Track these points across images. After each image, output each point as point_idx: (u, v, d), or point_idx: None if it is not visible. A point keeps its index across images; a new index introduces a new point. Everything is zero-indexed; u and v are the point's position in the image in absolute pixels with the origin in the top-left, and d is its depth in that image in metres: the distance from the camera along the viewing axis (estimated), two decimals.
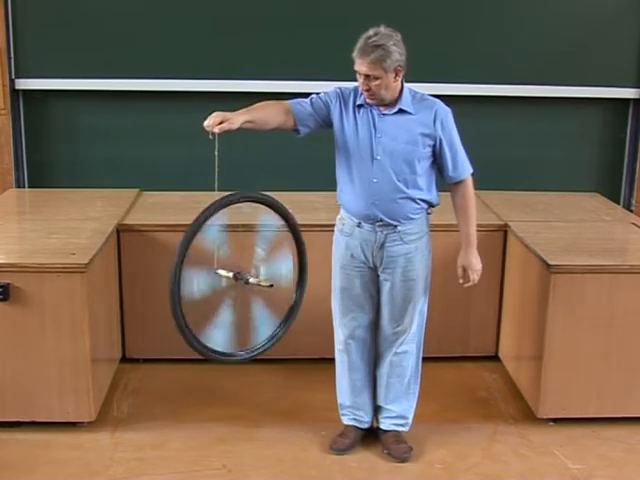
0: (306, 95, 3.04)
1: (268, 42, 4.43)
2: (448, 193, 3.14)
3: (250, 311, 2.87)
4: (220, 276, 2.75)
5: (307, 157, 4.29)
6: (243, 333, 2.88)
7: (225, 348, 2.83)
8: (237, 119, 2.74)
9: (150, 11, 4.39)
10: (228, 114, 2.72)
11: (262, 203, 2.87)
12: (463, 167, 3.06)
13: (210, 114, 2.71)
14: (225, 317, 2.79)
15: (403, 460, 3.20)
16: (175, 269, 2.63)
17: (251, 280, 2.76)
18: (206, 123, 2.69)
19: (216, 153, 2.67)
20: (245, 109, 2.84)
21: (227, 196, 2.72)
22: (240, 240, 2.96)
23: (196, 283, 2.73)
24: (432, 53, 4.33)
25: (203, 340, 2.75)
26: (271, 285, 2.77)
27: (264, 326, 2.91)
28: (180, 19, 4.41)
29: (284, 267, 2.88)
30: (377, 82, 2.87)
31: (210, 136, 2.68)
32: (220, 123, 2.68)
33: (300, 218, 3.96)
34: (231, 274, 2.76)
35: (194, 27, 4.42)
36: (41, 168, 4.62)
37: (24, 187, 4.61)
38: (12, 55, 4.40)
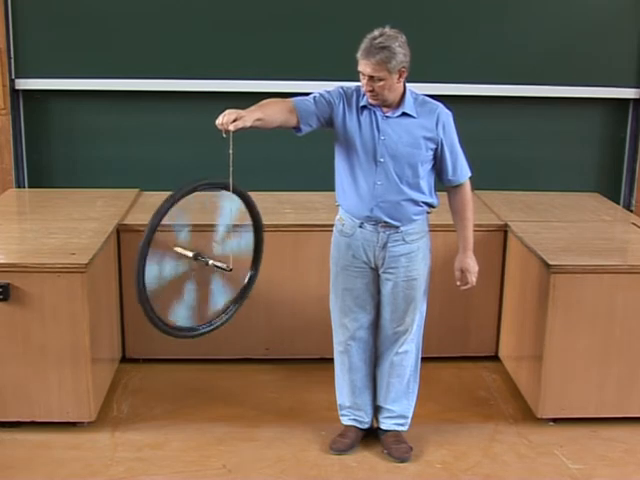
0: (307, 95, 3.03)
1: (268, 42, 4.43)
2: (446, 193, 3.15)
3: (209, 286, 2.91)
4: (179, 254, 2.80)
5: (307, 157, 4.29)
6: (203, 309, 2.94)
7: (188, 323, 2.89)
8: (250, 117, 2.71)
9: (150, 11, 4.39)
10: (241, 111, 2.69)
11: (218, 187, 2.85)
12: (462, 170, 3.06)
13: (222, 112, 2.67)
14: (188, 295, 2.84)
15: (403, 460, 3.20)
16: (140, 257, 2.70)
17: (211, 262, 2.81)
18: (219, 121, 2.66)
19: (230, 152, 2.65)
20: (254, 106, 2.81)
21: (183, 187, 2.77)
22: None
23: (158, 265, 2.79)
24: (432, 53, 4.33)
25: (168, 319, 2.83)
26: (230, 269, 2.80)
27: (220, 298, 2.95)
28: (180, 19, 4.41)
29: (242, 243, 2.92)
30: (381, 83, 2.86)
31: (224, 134, 2.65)
32: (234, 121, 2.65)
33: (300, 218, 3.99)
34: (191, 254, 2.82)
35: (194, 27, 4.42)
36: (41, 168, 4.62)
37: (24, 187, 4.61)
38: (12, 55, 4.39)
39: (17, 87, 4.46)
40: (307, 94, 3.01)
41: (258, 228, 2.98)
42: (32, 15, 4.36)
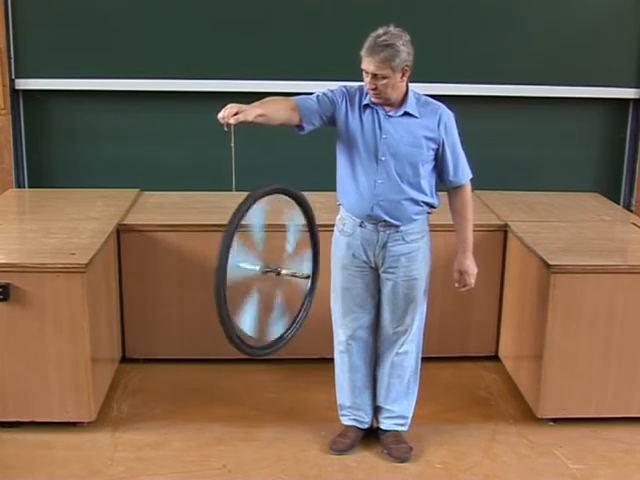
0: (308, 94, 3.03)
1: (268, 42, 4.43)
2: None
3: (271, 307, 2.86)
4: (242, 269, 2.73)
5: (307, 157, 4.29)
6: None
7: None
8: (251, 111, 2.71)
9: (150, 11, 4.39)
10: (243, 106, 2.70)
11: (289, 195, 2.84)
12: (464, 172, 3.07)
13: (224, 107, 2.67)
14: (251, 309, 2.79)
15: (403, 460, 3.20)
16: (220, 270, 2.58)
17: (284, 272, 2.75)
18: (220, 115, 2.65)
19: (232, 145, 2.65)
20: (257, 103, 2.81)
21: (259, 190, 2.69)
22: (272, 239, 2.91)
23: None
24: (432, 53, 4.33)
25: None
26: (308, 276, 2.75)
27: (279, 323, 2.91)
28: (180, 19, 4.41)
29: (305, 264, 2.89)
30: (384, 81, 2.87)
31: (225, 128, 2.64)
32: (235, 114, 2.65)
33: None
34: (257, 267, 2.75)
35: (194, 27, 4.42)
36: (41, 168, 4.62)
37: (24, 187, 4.61)
38: (12, 55, 4.40)
39: (17, 87, 4.46)
40: (307, 94, 3.01)
41: (316, 249, 2.93)
42: (32, 15, 4.36)
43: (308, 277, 2.78)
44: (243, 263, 2.74)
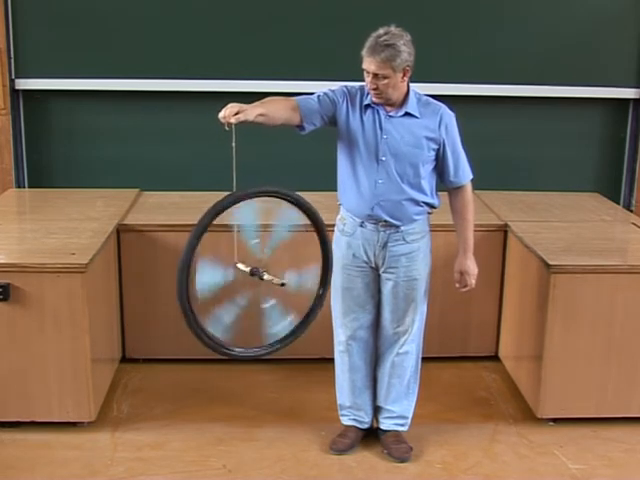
0: (308, 95, 3.03)
1: (268, 42, 4.43)
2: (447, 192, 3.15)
3: (264, 309, 2.83)
4: (238, 270, 2.72)
5: (307, 157, 4.29)
6: (249, 330, 2.83)
7: (227, 342, 2.79)
8: (252, 111, 2.72)
9: (150, 11, 4.39)
10: (244, 105, 2.70)
11: (283, 198, 2.83)
12: (464, 172, 3.07)
13: (224, 106, 2.68)
14: (233, 312, 2.75)
15: (403, 460, 3.20)
16: (184, 263, 2.58)
17: (265, 277, 2.74)
18: (221, 114, 2.66)
19: (233, 145, 2.64)
20: (258, 102, 2.82)
21: (238, 192, 2.66)
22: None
23: (210, 274, 2.69)
24: (432, 53, 4.33)
25: (212, 333, 2.72)
26: (283, 284, 2.74)
27: (276, 326, 2.86)
28: (180, 19, 4.41)
29: (310, 276, 2.87)
30: (385, 81, 2.87)
31: (226, 127, 2.65)
32: (236, 114, 2.65)
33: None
34: (248, 269, 2.73)
35: (194, 27, 4.42)
36: (41, 168, 4.62)
37: (24, 187, 4.61)
38: (12, 55, 4.40)
39: (17, 87, 4.46)
40: (308, 94, 3.01)
41: (323, 242, 2.91)
42: (32, 15, 4.36)
43: (283, 285, 2.77)
44: (239, 263, 2.75)
